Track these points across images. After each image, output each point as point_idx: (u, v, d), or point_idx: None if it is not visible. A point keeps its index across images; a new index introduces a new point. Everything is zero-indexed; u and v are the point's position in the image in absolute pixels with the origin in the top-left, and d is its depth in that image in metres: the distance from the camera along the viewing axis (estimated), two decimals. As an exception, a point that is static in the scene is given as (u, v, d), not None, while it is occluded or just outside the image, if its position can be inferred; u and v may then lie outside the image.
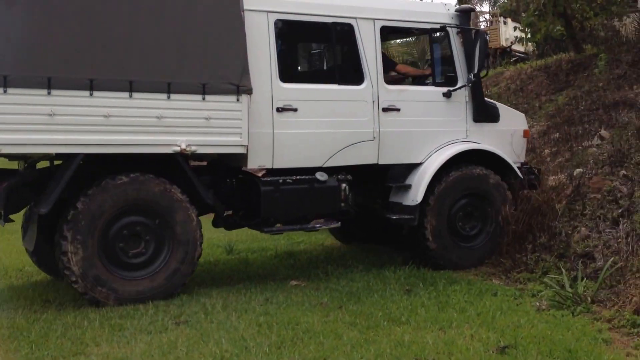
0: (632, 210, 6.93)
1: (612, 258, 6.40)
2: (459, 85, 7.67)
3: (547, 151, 8.37)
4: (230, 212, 7.30)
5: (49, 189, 6.02)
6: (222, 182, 7.04)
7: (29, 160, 6.68)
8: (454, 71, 7.75)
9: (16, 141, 5.66)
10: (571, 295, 6.10)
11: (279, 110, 6.77)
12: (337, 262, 8.20)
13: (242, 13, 6.56)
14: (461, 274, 7.45)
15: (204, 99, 6.29)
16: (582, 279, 6.39)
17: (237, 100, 6.40)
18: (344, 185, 7.12)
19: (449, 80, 7.75)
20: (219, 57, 6.43)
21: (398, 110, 7.34)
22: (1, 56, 5.59)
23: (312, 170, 7.01)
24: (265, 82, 6.70)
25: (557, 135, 10.10)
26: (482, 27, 22.65)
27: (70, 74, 5.78)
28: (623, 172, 7.75)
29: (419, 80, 8.10)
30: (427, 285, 6.90)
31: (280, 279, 7.46)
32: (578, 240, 7.13)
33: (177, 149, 6.23)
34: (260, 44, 6.68)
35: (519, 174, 7.88)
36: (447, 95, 7.60)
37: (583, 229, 7.26)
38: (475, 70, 7.50)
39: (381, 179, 7.54)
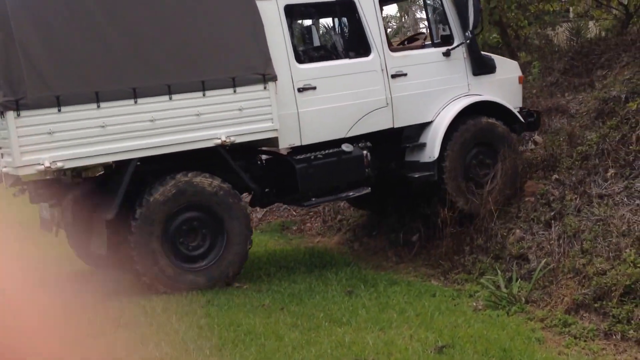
0: (563, 213, 7.18)
1: (545, 259, 6.63)
2: (456, 43, 8.06)
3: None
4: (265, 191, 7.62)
5: (111, 195, 6.36)
6: (255, 165, 7.45)
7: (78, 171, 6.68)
8: (450, 30, 8.10)
9: (75, 155, 6.00)
10: (506, 295, 6.28)
11: (300, 90, 7.17)
12: (279, 263, 8.18)
13: (256, 4, 6.85)
14: (401, 276, 7.57)
15: (235, 91, 6.68)
16: (517, 279, 6.59)
17: (265, 88, 6.81)
18: (366, 152, 7.54)
19: (446, 39, 8.13)
20: (243, 49, 6.77)
21: (405, 75, 7.75)
22: (52, 77, 5.87)
23: (336, 142, 7.41)
24: (284, 66, 7.06)
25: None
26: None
27: (114, 85, 6.12)
28: (555, 176, 8.02)
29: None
30: (368, 287, 6.97)
31: (221, 281, 7.38)
32: (513, 242, 7.34)
33: (219, 141, 6.62)
34: (274, 31, 7.01)
35: (521, 118, 8.38)
36: (447, 54, 8.02)
37: (517, 231, 7.48)
38: (471, 27, 7.90)
39: (395, 141, 7.91)
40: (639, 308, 5.36)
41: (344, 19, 8.05)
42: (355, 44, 7.77)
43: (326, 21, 8.71)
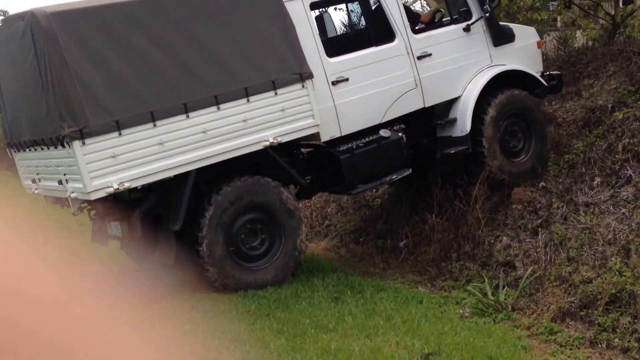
0: (550, 221, 7.20)
1: (532, 267, 6.63)
2: (475, 18, 8.28)
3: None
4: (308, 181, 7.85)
5: (175, 207, 6.60)
6: (298, 159, 7.67)
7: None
8: (467, 5, 8.33)
9: (139, 175, 6.23)
10: (493, 303, 6.27)
11: (334, 83, 7.39)
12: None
13: (285, 6, 7.05)
14: (388, 282, 7.54)
15: (276, 93, 6.90)
16: (504, 287, 6.58)
17: (303, 86, 7.04)
18: (402, 134, 7.74)
19: (463, 14, 8.34)
20: (278, 52, 6.98)
21: (430, 55, 7.96)
22: (110, 104, 6.07)
23: (371, 128, 7.61)
24: (316, 63, 7.26)
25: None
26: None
27: (167, 103, 6.34)
28: (542, 183, 8.06)
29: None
30: (355, 293, 6.93)
31: (207, 286, 7.31)
32: (500, 249, 7.34)
33: (267, 143, 6.83)
34: (304, 29, 7.20)
35: (544, 82, 8.59)
36: (467, 29, 8.24)
37: (505, 238, 7.49)
38: (488, 0, 8.17)
39: (425, 119, 8.16)
40: (624, 317, 5.37)
41: (366, 8, 8.24)
42: (380, 31, 7.94)
43: (349, 12, 8.90)
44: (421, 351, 5.15)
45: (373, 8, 8.07)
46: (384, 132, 7.64)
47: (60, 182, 6.45)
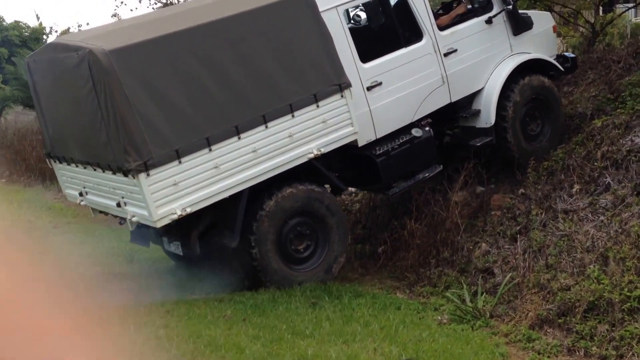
0: (529, 228, 7.21)
1: (510, 274, 6.62)
2: (496, 10, 8.47)
3: (450, 167, 8.62)
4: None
5: (230, 224, 6.89)
6: (335, 163, 7.80)
7: None
8: None
9: (199, 199, 6.46)
10: (471, 309, 6.24)
11: (368, 89, 7.58)
12: (242, 273, 8.02)
13: (322, 18, 7.20)
14: (366, 288, 7.49)
15: (317, 106, 7.08)
16: (482, 293, 6.56)
17: (342, 96, 7.20)
18: (431, 131, 8.00)
19: (485, 8, 8.52)
20: (317, 64, 7.13)
21: (456, 50, 8.16)
22: (169, 134, 6.25)
23: (403, 128, 7.86)
24: (352, 70, 7.42)
25: (462, 153, 10.38)
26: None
27: (220, 127, 6.54)
28: (522, 190, 8.07)
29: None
30: (333, 299, 6.87)
31: (183, 291, 7.22)
32: (479, 255, 7.33)
33: (312, 155, 7.08)
34: (338, 37, 7.35)
35: (560, 67, 8.89)
36: (489, 22, 8.43)
37: (484, 244, 7.48)
38: None
39: (448, 112, 8.35)
40: (602, 324, 5.37)
41: (395, 9, 8.35)
42: (408, 31, 8.11)
43: (379, 15, 8.96)
44: (398, 358, 5.11)
45: (402, 9, 8.19)
46: (416, 132, 7.90)
47: (118, 205, 6.71)
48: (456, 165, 8.54)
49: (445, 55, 8.09)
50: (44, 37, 28.42)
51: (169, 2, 21.36)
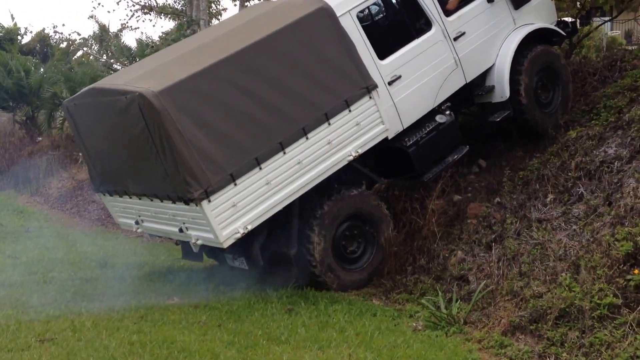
0: (503, 236, 7.27)
1: (484, 281, 6.67)
2: None
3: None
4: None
5: (287, 233, 7.33)
6: (369, 158, 7.97)
7: None
8: None
9: (257, 215, 6.79)
10: (445, 316, 6.28)
11: (390, 83, 7.84)
12: (218, 279, 7.99)
13: (342, 25, 7.50)
14: (342, 294, 7.49)
15: (349, 110, 7.38)
16: (457, 300, 6.60)
17: (370, 97, 7.53)
18: (453, 114, 8.33)
19: None
20: (345, 71, 7.43)
21: (464, 33, 8.44)
22: (223, 160, 6.59)
23: (427, 115, 8.18)
24: (372, 68, 7.68)
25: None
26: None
27: (266, 146, 6.85)
28: (497, 199, 8.15)
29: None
30: (309, 305, 6.87)
31: (157, 296, 7.16)
32: (454, 263, 7.37)
33: (351, 157, 7.41)
34: (356, 39, 7.62)
35: (563, 33, 9.33)
36: (491, 0, 8.72)
37: (459, 252, 7.53)
38: None
39: (465, 92, 8.69)
40: (572, 331, 5.43)
41: (402, 4, 8.68)
42: (417, 22, 8.42)
43: (388, 11, 9.28)
44: (373, 364, 5.10)
45: (408, 2, 8.44)
46: (440, 118, 8.21)
47: (181, 230, 7.06)
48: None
49: (455, 39, 8.38)
50: (19, 37, 28.08)
51: (146, 4, 21.31)
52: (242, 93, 6.84)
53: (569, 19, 9.95)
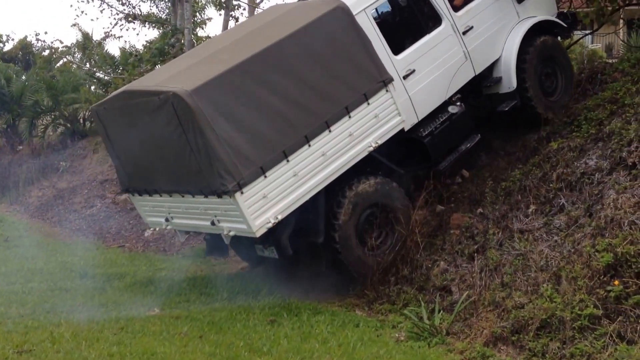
0: (486, 247, 7.29)
1: (467, 292, 6.68)
2: None
3: (412, 186, 8.74)
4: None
5: (314, 222, 7.57)
6: (387, 149, 8.14)
7: None
8: None
9: (286, 206, 7.09)
10: (428, 327, 6.27)
11: (405, 77, 8.22)
12: (200, 289, 7.95)
13: (357, 22, 7.84)
14: (325, 305, 7.47)
15: (368, 103, 7.72)
16: (439, 311, 6.60)
17: (387, 90, 7.88)
18: (464, 105, 8.68)
19: None
20: (362, 66, 7.75)
21: (472, 27, 8.84)
22: (253, 153, 6.86)
23: (439, 107, 8.54)
24: (388, 63, 8.04)
25: (421, 172, 10.50)
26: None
27: (292, 139, 7.15)
28: (480, 210, 8.18)
29: None
30: (292, 316, 6.83)
31: (138, 307, 7.09)
32: (437, 273, 7.38)
33: (371, 148, 7.74)
34: (372, 36, 7.98)
35: (563, 24, 9.72)
36: None
37: (442, 262, 7.54)
38: None
39: (474, 84, 9.06)
40: (553, 342, 5.45)
41: (413, 1, 8.95)
42: (428, 18, 8.76)
43: (401, 9, 9.53)
44: (355, 375, 5.08)
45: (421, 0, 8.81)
46: (452, 109, 8.60)
47: (212, 223, 7.29)
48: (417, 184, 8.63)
49: (464, 33, 8.77)
50: (0, 44, 27.83)
51: (130, 12, 21.22)
52: (268, 89, 7.16)
53: (569, 11, 10.41)
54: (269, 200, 6.97)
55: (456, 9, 8.84)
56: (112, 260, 9.47)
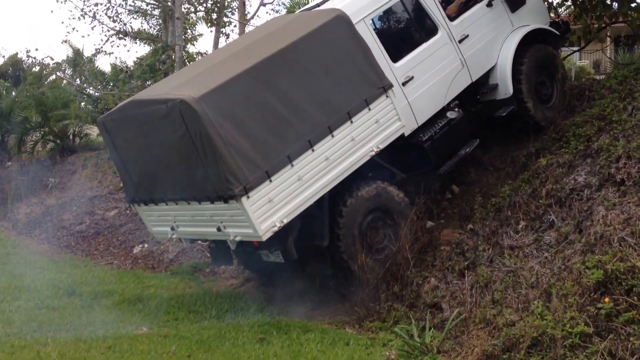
0: (476, 263, 7.27)
1: (458, 309, 6.64)
2: None
3: (402, 204, 8.72)
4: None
5: (318, 226, 7.70)
6: (388, 154, 8.29)
7: None
8: None
9: (291, 209, 7.20)
10: (419, 345, 6.22)
11: (404, 84, 8.41)
12: (189, 307, 7.87)
13: (357, 31, 8.07)
14: (316, 322, 7.41)
15: (369, 109, 7.92)
16: (430, 328, 6.56)
17: (387, 96, 8.10)
18: (461, 111, 8.90)
19: None
20: (363, 72, 7.97)
21: (468, 36, 9.09)
22: (258, 158, 6.99)
23: (438, 113, 8.74)
24: (387, 70, 8.25)
25: (410, 188, 10.50)
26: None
27: (296, 144, 7.31)
28: (470, 226, 8.17)
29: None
30: (281, 334, 6.77)
31: (125, 326, 7.01)
32: (428, 290, 7.34)
33: (373, 153, 7.91)
34: (371, 44, 8.21)
35: (556, 32, 10.00)
36: (489, 5, 9.43)
37: (433, 279, 7.51)
38: None
39: (471, 91, 9.27)
40: (545, 360, 5.41)
41: (410, 10, 9.10)
42: (425, 27, 8.99)
43: (399, 18, 9.61)
44: (345, 395, 5.02)
45: (416, 9, 9.03)
46: (451, 115, 8.82)
47: (219, 229, 7.36)
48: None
49: (460, 41, 9.01)
50: (-9, 61, 27.76)
51: (121, 29, 21.24)
52: (273, 95, 7.32)
53: (561, 20, 10.64)
54: (275, 204, 7.08)
55: (452, 18, 9.09)
56: (100, 278, 9.38)
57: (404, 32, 9.18)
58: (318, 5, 9.16)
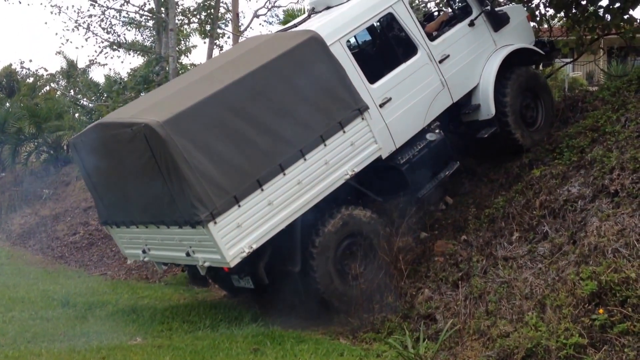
0: (470, 274, 7.28)
1: (452, 320, 6.64)
2: (475, 13, 9.33)
3: (395, 214, 8.74)
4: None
5: (290, 251, 7.53)
6: (364, 177, 8.19)
7: None
8: (467, 2, 9.46)
9: (261, 235, 7.04)
10: (413, 356, 6.21)
11: (381, 106, 8.25)
12: (183, 318, 7.85)
13: (332, 53, 7.90)
14: (310, 333, 7.39)
15: (344, 132, 7.76)
16: (424, 339, 6.55)
17: (362, 118, 7.93)
18: (442, 132, 8.75)
19: (465, 12, 9.39)
20: (337, 94, 7.81)
21: (448, 56, 8.92)
22: (226, 183, 6.86)
23: (418, 136, 8.62)
24: (363, 92, 8.10)
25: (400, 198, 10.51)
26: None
27: (266, 168, 7.15)
28: (464, 237, 8.19)
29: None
30: (275, 345, 6.75)
31: (120, 336, 6.98)
32: (421, 301, 7.34)
33: (347, 176, 7.76)
34: (347, 67, 8.04)
35: (541, 51, 9.87)
36: (471, 24, 9.27)
37: (426, 290, 7.52)
38: None
39: (453, 112, 9.14)
40: (539, 371, 5.41)
41: (388, 30, 9.10)
42: (404, 47, 8.82)
43: (377, 38, 9.68)
44: (339, 406, 5.01)
45: (395, 28, 8.94)
46: (430, 137, 8.67)
47: (188, 254, 7.24)
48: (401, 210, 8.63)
49: (440, 62, 8.85)
50: (-16, 74, 27.74)
51: (115, 40, 21.28)
52: (241, 119, 7.16)
53: (547, 39, 10.58)
54: (244, 229, 6.93)
55: (432, 37, 8.94)
56: (94, 289, 9.34)
57: (382, 53, 9.08)
58: (296, 25, 8.99)
